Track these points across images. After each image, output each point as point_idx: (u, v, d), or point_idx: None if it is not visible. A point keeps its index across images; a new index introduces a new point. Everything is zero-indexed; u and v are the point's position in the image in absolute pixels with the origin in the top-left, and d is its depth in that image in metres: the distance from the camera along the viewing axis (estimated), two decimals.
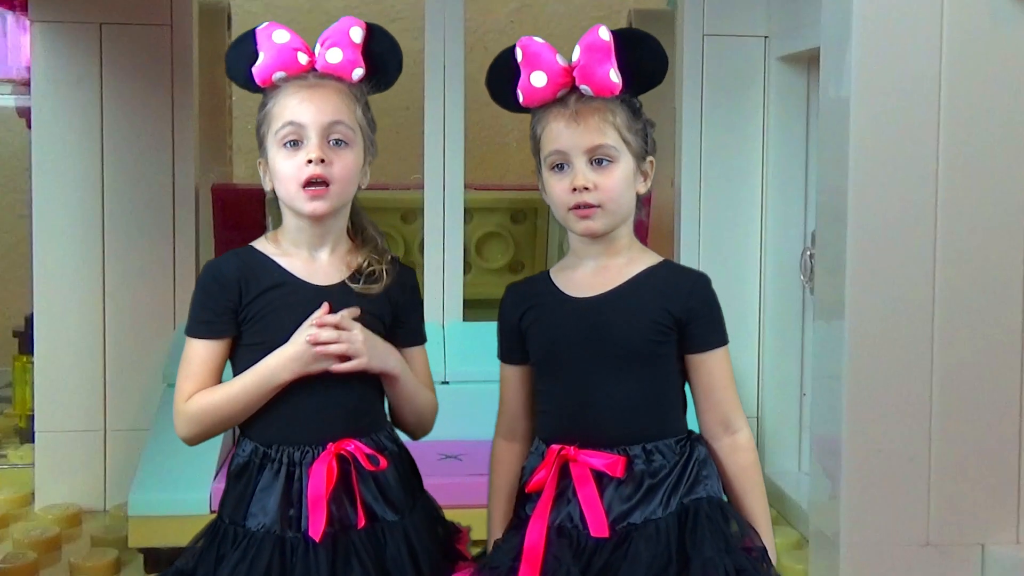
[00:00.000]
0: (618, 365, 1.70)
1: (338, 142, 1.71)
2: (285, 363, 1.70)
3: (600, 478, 1.68)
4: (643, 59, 1.72)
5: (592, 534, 1.66)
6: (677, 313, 1.71)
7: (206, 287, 1.75)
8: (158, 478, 2.62)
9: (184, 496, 2.55)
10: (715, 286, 1.79)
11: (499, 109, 1.82)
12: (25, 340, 3.47)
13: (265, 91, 1.75)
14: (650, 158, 1.75)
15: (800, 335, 3.11)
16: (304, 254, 1.75)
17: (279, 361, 1.70)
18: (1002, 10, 2.39)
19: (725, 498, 1.75)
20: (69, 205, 3.03)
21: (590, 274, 1.75)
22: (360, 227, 1.82)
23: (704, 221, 3.12)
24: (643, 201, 1.79)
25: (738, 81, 3.13)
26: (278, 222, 1.80)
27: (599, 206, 1.69)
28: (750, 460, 1.76)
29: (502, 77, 1.75)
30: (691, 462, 1.72)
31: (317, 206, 1.70)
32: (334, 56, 1.73)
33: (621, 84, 1.69)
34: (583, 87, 1.70)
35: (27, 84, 3.24)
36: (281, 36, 1.73)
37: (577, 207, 1.69)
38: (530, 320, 1.76)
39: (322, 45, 1.75)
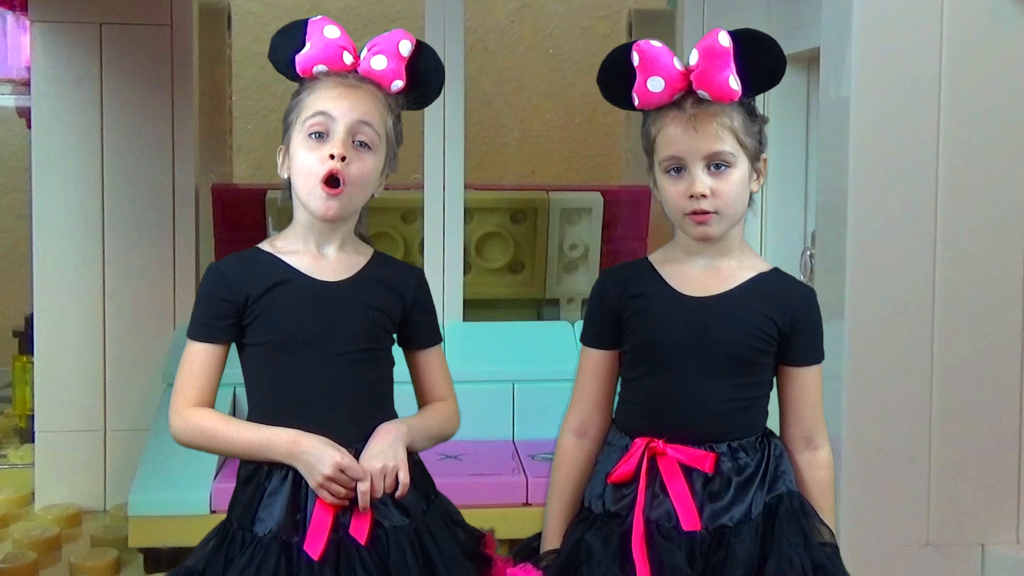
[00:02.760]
0: (719, 368, 1.70)
1: (362, 144, 1.70)
2: (287, 453, 1.66)
3: (688, 473, 1.69)
4: (761, 61, 1.68)
5: (684, 527, 1.66)
6: (782, 325, 1.71)
7: (207, 289, 1.73)
8: (158, 478, 2.62)
9: (184, 496, 2.56)
10: None
11: (499, 109, 1.81)
12: (25, 340, 3.47)
13: (302, 81, 1.74)
14: (764, 156, 1.73)
15: None
16: (312, 251, 1.74)
17: (287, 446, 1.66)
18: (1002, 10, 2.39)
19: None
20: (69, 205, 3.03)
21: (700, 273, 1.73)
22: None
23: None
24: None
25: None
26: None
27: (716, 212, 1.67)
28: (826, 478, 1.77)
29: (616, 76, 1.72)
30: (771, 457, 1.73)
31: (330, 206, 1.68)
32: (378, 63, 1.73)
33: (741, 89, 1.66)
34: (701, 92, 1.66)
35: (27, 84, 3.24)
36: (332, 31, 1.73)
37: (694, 212, 1.68)
38: (635, 308, 1.74)
39: (369, 50, 1.74)
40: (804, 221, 3.08)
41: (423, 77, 1.78)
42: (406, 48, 1.75)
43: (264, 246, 1.77)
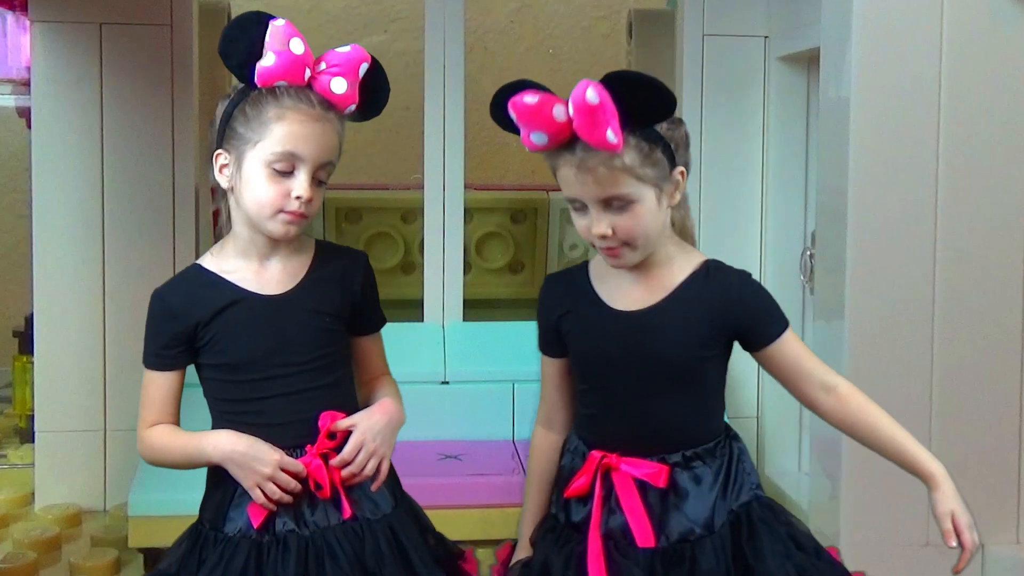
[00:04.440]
0: (661, 382, 1.67)
1: (320, 183, 1.70)
2: (222, 457, 1.68)
3: (642, 487, 1.67)
4: (641, 104, 1.58)
5: (639, 544, 1.65)
6: (728, 324, 1.67)
7: (153, 319, 1.73)
8: (158, 478, 2.60)
9: (184, 496, 2.51)
10: None
11: None
12: (25, 340, 3.47)
13: (259, 90, 1.69)
14: (679, 169, 1.66)
15: (800, 335, 3.10)
16: (254, 265, 1.73)
17: (223, 449, 1.68)
18: (1002, 10, 2.39)
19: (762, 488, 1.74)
20: (69, 205, 3.03)
21: (630, 284, 1.69)
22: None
23: (704, 221, 3.11)
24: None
25: (738, 81, 3.13)
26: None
27: (625, 244, 1.63)
28: (863, 399, 1.70)
29: (502, 120, 1.63)
30: (732, 463, 1.71)
31: (290, 230, 1.69)
32: (339, 86, 1.69)
33: (620, 141, 1.56)
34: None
35: (27, 84, 3.24)
36: (298, 47, 1.68)
37: (603, 247, 1.65)
38: (569, 324, 1.72)
39: (328, 69, 1.70)
40: (804, 221, 3.08)
41: (373, 96, 1.75)
42: (364, 70, 1.72)
43: (205, 263, 1.76)
